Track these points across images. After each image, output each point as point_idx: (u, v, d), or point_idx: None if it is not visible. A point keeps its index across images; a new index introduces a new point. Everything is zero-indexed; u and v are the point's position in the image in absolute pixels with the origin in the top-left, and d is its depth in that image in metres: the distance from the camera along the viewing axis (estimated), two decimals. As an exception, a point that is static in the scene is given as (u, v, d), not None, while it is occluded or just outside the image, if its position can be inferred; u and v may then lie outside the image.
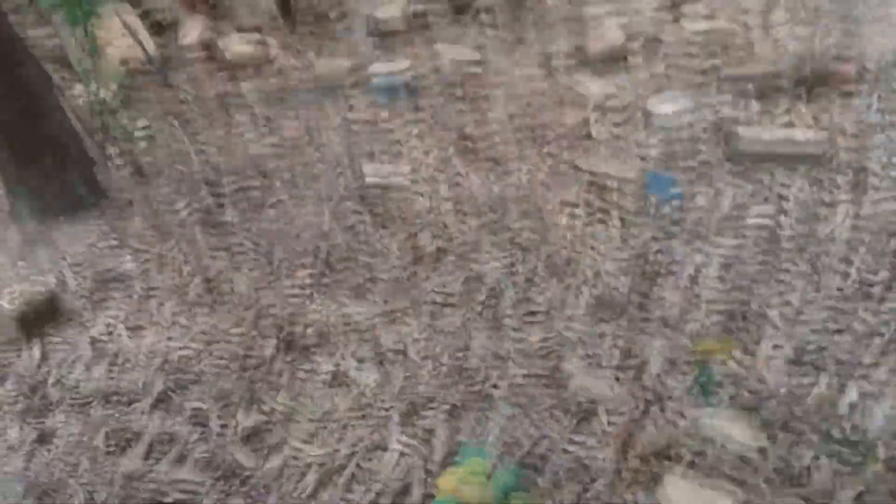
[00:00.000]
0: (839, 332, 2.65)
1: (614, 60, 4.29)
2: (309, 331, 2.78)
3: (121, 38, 4.53)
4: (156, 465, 2.39)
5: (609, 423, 2.36)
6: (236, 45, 4.75)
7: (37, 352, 2.88)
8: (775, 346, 2.59)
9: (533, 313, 2.80)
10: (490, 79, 4.27)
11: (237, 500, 2.26)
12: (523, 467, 2.24)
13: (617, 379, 2.50)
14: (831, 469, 2.17)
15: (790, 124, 3.67)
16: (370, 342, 2.71)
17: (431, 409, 2.46)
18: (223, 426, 2.48)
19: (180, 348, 2.80)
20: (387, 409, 2.47)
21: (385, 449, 2.35)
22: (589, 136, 3.75)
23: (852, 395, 2.39)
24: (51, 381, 2.75)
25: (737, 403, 2.38)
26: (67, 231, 3.50)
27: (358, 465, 2.31)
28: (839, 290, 2.85)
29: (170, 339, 2.85)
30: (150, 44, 4.66)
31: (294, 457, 2.36)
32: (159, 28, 5.00)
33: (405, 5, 4.93)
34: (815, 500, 2.11)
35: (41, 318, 2.98)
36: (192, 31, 4.93)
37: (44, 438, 2.55)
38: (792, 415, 2.34)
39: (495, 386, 2.51)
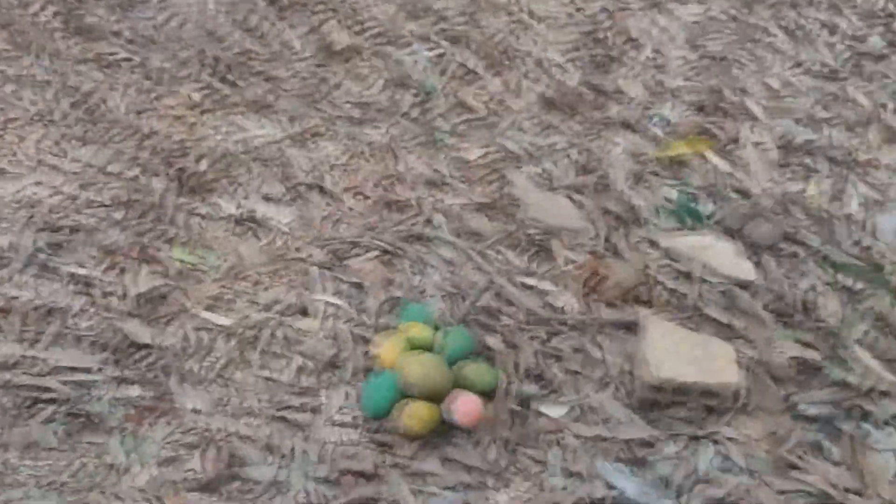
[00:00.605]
0: (829, 121, 2.27)
1: None
2: (203, 162, 2.30)
3: None
4: (31, 348, 1.99)
5: (567, 261, 2.00)
6: None
7: None
8: (756, 144, 2.22)
9: (469, 122, 2.35)
10: None
11: (133, 388, 1.89)
12: (472, 325, 1.90)
13: (573, 201, 2.11)
14: (836, 300, 1.87)
15: None
16: (278, 173, 2.25)
17: (358, 255, 2.06)
18: (109, 293, 2.06)
19: (50, 195, 2.30)
20: (304, 259, 2.07)
21: (305, 312, 1.97)
22: None
23: (852, 203, 2.05)
24: None
25: (717, 225, 2.03)
26: None
27: (273, 334, 1.93)
28: (824, 65, 2.44)
29: (37, 184, 2.34)
30: None
31: (197, 327, 1.97)
32: None
33: None
34: (818, 339, 1.82)
35: None
36: None
37: None
38: (782, 234, 2.01)
39: (430, 221, 2.11)
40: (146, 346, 1.94)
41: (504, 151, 2.24)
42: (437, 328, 1.86)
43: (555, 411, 1.76)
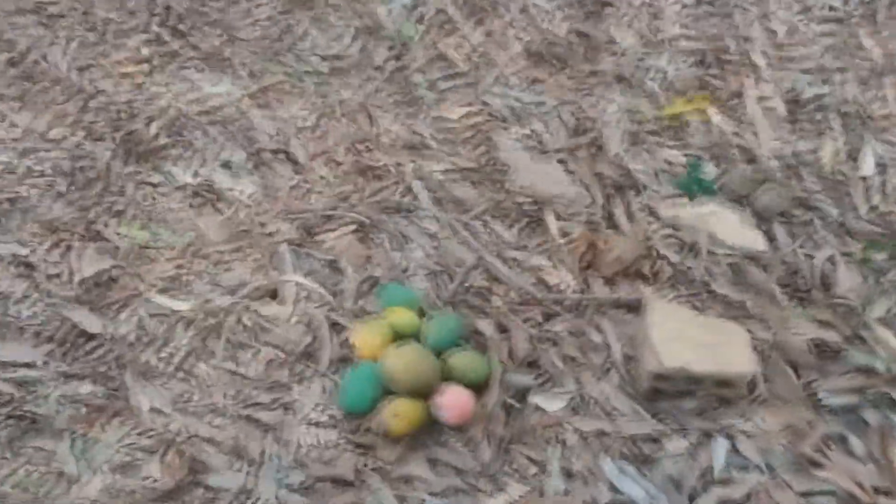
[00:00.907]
0: (840, 71, 2.09)
1: None
2: (154, 125, 2.07)
3: None
4: (-32, 341, 1.79)
5: (562, 233, 1.82)
6: None
7: None
8: (761, 100, 2.03)
9: (450, 77, 2.14)
10: None
11: (82, 384, 1.70)
12: (460, 308, 1.72)
13: (565, 166, 1.92)
14: (856, 273, 1.71)
15: None
16: (238, 137, 2.03)
17: (331, 230, 1.86)
18: (53, 276, 1.85)
19: (-16, 164, 2.08)
20: (271, 235, 1.87)
21: (274, 295, 1.78)
22: None
23: (867, 163, 1.88)
24: None
25: (721, 191, 1.86)
26: None
27: (240, 321, 1.74)
28: (832, 9, 2.25)
29: (-31, 150, 2.11)
30: None
31: (152, 313, 1.78)
32: None
33: None
34: (838, 318, 1.67)
35: None
36: None
37: None
38: (793, 200, 1.84)
39: (410, 190, 1.91)
40: (96, 336, 1.75)
41: (489, 110, 2.04)
42: (421, 312, 1.69)
43: (552, 404, 1.60)
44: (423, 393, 1.56)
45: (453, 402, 1.55)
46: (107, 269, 1.83)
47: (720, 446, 1.53)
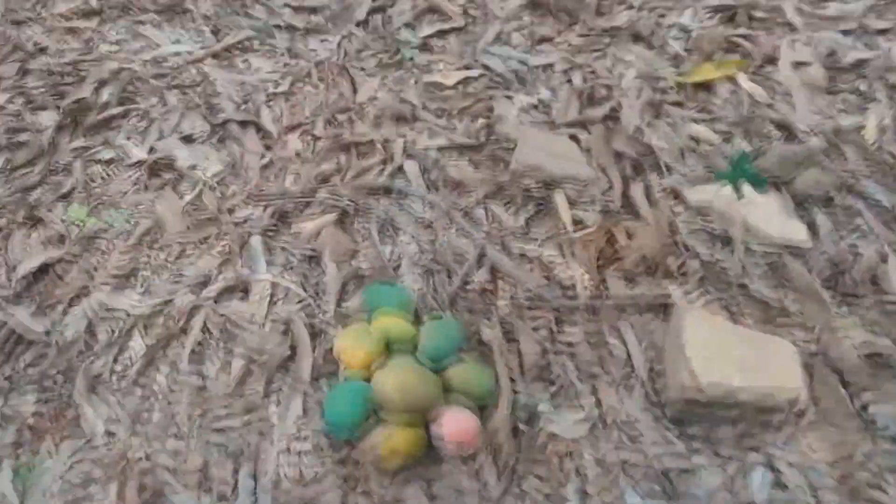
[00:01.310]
0: (883, 32, 1.85)
1: None
2: (104, 90, 1.80)
3: None
4: None
5: (574, 222, 1.59)
6: None
7: None
8: (797, 65, 1.79)
9: (444, 33, 1.88)
10: None
11: (25, 399, 1.46)
12: (460, 311, 1.50)
13: (578, 142, 1.68)
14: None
15: None
16: (201, 104, 1.76)
17: (310, 217, 1.62)
18: (-11, 270, 1.60)
19: None
20: (240, 223, 1.62)
21: (246, 292, 1.55)
22: None
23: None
24: None
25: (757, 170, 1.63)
26: None
27: (206, 325, 1.51)
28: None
29: None
30: None
31: (104, 314, 1.54)
32: None
33: None
34: (891, 323, 1.46)
35: None
36: None
37: None
38: (836, 183, 1.62)
39: (401, 169, 1.67)
40: (38, 341, 1.51)
41: (489, 74, 1.79)
42: (416, 316, 1.46)
43: (567, 426, 1.39)
44: (420, 414, 1.34)
45: (454, 427, 1.33)
46: (51, 262, 1.59)
47: (760, 477, 1.33)
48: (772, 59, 1.80)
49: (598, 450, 1.37)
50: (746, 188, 1.59)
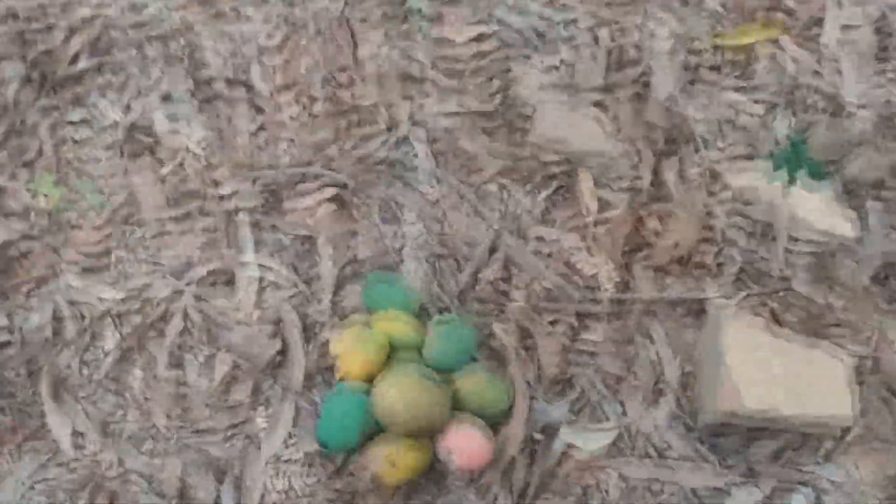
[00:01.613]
0: (943, -6, 1.66)
1: None
2: (74, 42, 1.59)
3: None
4: None
5: (600, 205, 1.42)
6: None
7: None
8: (846, 29, 1.61)
9: (454, -13, 1.68)
10: None
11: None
12: (471, 308, 1.34)
13: (604, 111, 1.50)
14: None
15: None
16: (182, 63, 1.57)
17: (304, 193, 1.45)
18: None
19: None
20: (226, 199, 1.45)
21: (231, 282, 1.39)
22: None
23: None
24: None
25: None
26: None
27: (187, 318, 1.35)
28: None
29: None
30: None
31: (73, 301, 1.38)
32: None
33: None
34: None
35: None
36: None
37: None
38: (890, 167, 1.45)
39: (406, 140, 1.49)
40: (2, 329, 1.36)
41: (504, 31, 1.59)
42: (422, 312, 1.31)
43: (590, 441, 1.25)
44: (426, 430, 1.20)
45: (464, 445, 1.19)
46: (12, 241, 1.42)
47: (801, 498, 1.21)
48: (818, 21, 1.61)
49: (623, 467, 1.23)
50: (802, 176, 1.42)
